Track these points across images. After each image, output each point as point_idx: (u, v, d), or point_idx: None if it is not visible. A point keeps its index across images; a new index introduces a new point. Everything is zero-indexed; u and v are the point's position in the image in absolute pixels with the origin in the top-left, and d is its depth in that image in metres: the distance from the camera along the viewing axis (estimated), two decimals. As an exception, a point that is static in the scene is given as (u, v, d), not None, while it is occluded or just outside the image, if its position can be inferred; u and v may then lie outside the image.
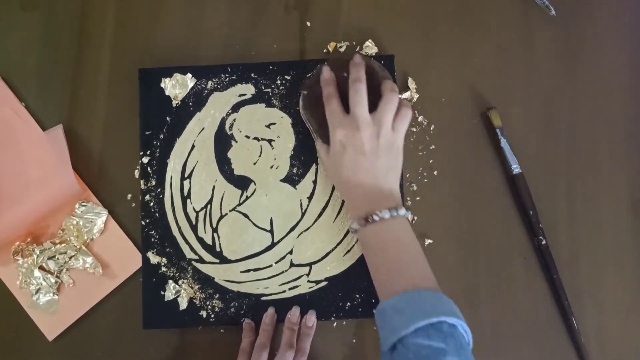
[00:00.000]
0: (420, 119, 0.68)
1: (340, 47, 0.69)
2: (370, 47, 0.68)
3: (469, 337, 0.54)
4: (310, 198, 0.66)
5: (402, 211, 0.58)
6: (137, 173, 0.67)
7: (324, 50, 0.69)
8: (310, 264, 0.66)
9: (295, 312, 0.65)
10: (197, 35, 0.69)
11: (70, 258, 0.65)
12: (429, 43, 0.70)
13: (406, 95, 0.68)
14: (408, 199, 0.67)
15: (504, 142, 0.66)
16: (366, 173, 0.59)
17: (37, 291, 0.65)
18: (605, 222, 0.68)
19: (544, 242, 0.65)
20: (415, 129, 0.68)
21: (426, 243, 0.67)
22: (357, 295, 0.65)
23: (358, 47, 0.69)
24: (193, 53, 0.69)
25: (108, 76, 0.69)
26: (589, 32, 0.70)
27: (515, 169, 0.66)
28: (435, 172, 0.68)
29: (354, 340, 0.66)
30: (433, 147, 0.68)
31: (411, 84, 0.68)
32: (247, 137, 0.67)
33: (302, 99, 0.65)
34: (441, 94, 0.69)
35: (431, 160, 0.68)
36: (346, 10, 0.70)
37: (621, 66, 0.69)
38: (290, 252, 0.66)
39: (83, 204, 0.66)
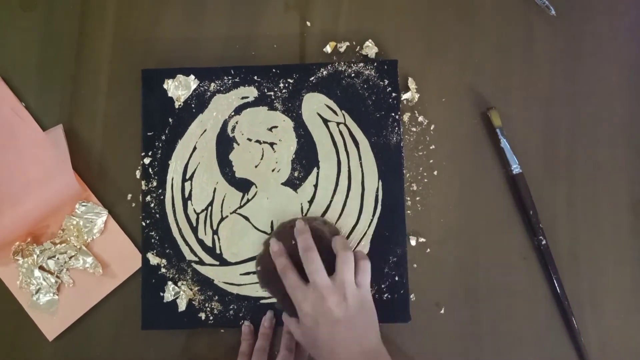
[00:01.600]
0: (420, 119, 0.68)
1: (340, 47, 0.69)
2: (370, 47, 0.68)
3: None
4: (310, 202, 0.66)
5: None
6: (138, 173, 0.67)
7: (324, 50, 0.69)
8: None
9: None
10: (197, 34, 0.69)
11: (70, 258, 0.65)
12: (429, 43, 0.69)
13: (407, 95, 0.68)
14: (408, 198, 0.67)
15: (504, 142, 0.66)
16: (345, 340, 0.55)
17: (37, 291, 0.65)
18: (605, 222, 0.67)
19: (544, 242, 0.65)
20: (415, 129, 0.68)
21: (420, 241, 0.67)
22: None
23: (358, 46, 0.69)
24: (193, 52, 0.69)
25: (108, 76, 0.69)
26: (589, 32, 0.70)
27: (516, 169, 0.66)
28: (435, 172, 0.68)
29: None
30: (433, 147, 0.68)
31: (411, 84, 0.68)
32: (249, 139, 0.67)
33: (258, 276, 0.64)
34: (441, 94, 0.69)
35: (431, 160, 0.68)
36: (346, 10, 0.70)
37: (621, 66, 0.69)
38: None
39: (83, 204, 0.66)
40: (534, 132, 0.68)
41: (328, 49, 0.69)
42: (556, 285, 0.65)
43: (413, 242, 0.66)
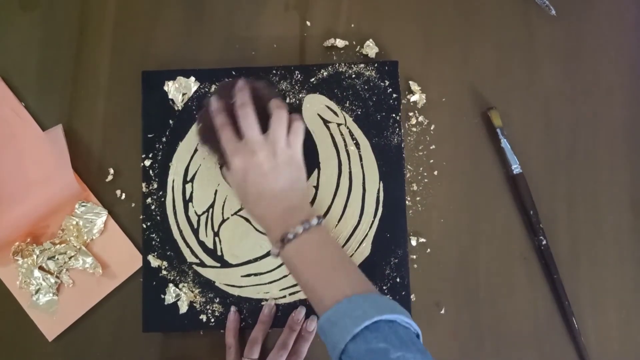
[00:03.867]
0: (420, 119, 0.68)
1: (340, 45, 0.69)
2: (370, 47, 0.68)
3: (416, 329, 0.52)
4: (311, 203, 0.66)
5: (314, 220, 0.57)
6: (139, 174, 0.67)
7: (324, 45, 0.69)
8: None
9: (300, 310, 0.64)
10: (196, 35, 0.69)
11: (70, 258, 0.65)
12: (429, 43, 0.70)
13: (415, 98, 0.68)
14: (408, 198, 0.67)
15: (504, 142, 0.66)
16: (272, 193, 0.58)
17: (37, 291, 0.65)
18: (605, 222, 0.68)
19: (544, 242, 0.65)
20: (415, 129, 0.68)
21: (420, 241, 0.67)
22: None
23: (358, 46, 0.69)
24: (193, 52, 0.69)
25: (108, 76, 0.69)
26: (589, 32, 0.70)
27: (516, 169, 0.66)
28: (435, 172, 0.68)
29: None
30: (433, 147, 0.68)
31: (414, 86, 0.68)
32: None
33: (198, 133, 0.64)
34: (441, 94, 0.69)
35: (431, 160, 0.68)
36: (346, 10, 0.70)
37: (621, 66, 0.69)
38: None
39: (83, 204, 0.66)
40: (534, 132, 0.68)
41: (328, 43, 0.68)
42: (556, 285, 0.65)
43: (413, 242, 0.66)
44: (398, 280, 0.65)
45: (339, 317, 0.51)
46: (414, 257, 0.66)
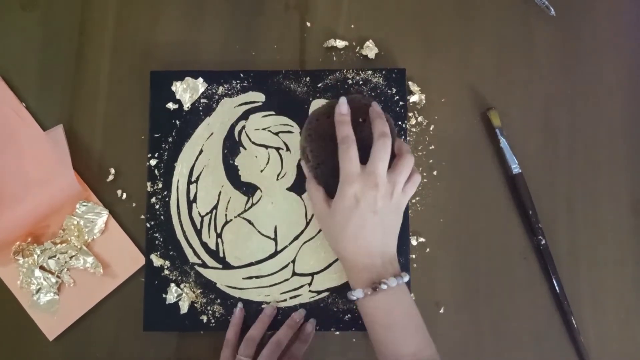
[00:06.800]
0: (420, 119, 0.68)
1: (339, 45, 0.69)
2: (370, 48, 0.68)
3: None
4: None
5: (407, 277, 0.57)
6: (140, 174, 0.67)
7: (324, 45, 0.69)
8: (312, 274, 0.66)
9: (301, 312, 0.65)
10: (197, 35, 0.69)
11: (70, 258, 0.66)
12: (428, 43, 0.70)
13: (414, 98, 0.68)
14: (408, 199, 0.67)
15: (503, 142, 0.67)
16: (373, 232, 0.56)
17: (38, 291, 0.65)
18: (605, 222, 0.68)
19: (543, 242, 0.66)
20: (414, 130, 0.68)
21: (420, 241, 0.67)
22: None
23: (358, 47, 0.69)
24: (193, 52, 0.69)
25: (108, 76, 0.69)
26: (589, 32, 0.70)
27: (515, 169, 0.66)
28: (435, 172, 0.68)
29: (354, 340, 0.66)
30: (433, 147, 0.68)
31: (413, 86, 0.68)
32: (256, 144, 0.67)
33: (307, 130, 0.60)
34: (441, 94, 0.69)
35: (431, 160, 0.68)
36: (346, 11, 0.70)
37: (621, 66, 0.69)
38: (293, 261, 0.66)
39: (84, 203, 0.66)
40: (534, 132, 0.68)
41: (328, 44, 0.69)
42: (556, 285, 0.65)
43: (413, 242, 0.66)
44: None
45: None
46: (414, 256, 0.66)
